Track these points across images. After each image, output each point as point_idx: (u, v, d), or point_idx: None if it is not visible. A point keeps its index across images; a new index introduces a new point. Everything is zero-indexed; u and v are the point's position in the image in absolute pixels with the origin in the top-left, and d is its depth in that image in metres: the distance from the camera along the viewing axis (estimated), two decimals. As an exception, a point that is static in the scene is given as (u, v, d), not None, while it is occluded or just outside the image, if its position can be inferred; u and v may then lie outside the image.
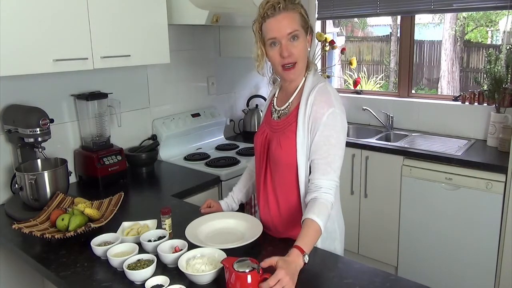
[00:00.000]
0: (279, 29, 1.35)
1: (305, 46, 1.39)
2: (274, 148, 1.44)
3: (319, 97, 1.38)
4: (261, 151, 1.52)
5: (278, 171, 1.45)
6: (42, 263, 1.38)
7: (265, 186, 1.50)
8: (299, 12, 1.37)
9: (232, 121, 3.17)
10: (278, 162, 1.44)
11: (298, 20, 1.36)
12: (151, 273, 1.22)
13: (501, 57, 2.71)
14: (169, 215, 1.46)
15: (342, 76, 4.30)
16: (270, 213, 1.51)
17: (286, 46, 1.35)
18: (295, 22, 1.35)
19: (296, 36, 1.36)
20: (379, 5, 3.15)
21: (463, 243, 2.49)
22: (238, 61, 3.08)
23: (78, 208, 1.56)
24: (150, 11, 2.10)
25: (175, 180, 2.28)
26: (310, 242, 1.23)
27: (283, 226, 1.50)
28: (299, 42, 1.37)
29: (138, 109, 2.51)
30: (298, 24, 1.36)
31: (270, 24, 1.36)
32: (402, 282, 1.23)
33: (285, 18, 1.35)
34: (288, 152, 1.40)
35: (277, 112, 1.49)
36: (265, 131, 1.52)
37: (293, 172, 1.41)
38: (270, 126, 1.50)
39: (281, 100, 1.51)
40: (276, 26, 1.35)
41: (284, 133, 1.43)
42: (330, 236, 1.48)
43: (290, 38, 1.35)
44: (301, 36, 1.37)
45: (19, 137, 1.85)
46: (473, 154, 2.53)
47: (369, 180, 2.83)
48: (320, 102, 1.37)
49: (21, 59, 1.64)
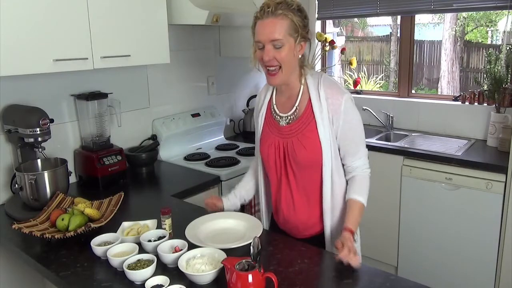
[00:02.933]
0: (263, 33, 1.35)
1: (290, 54, 1.37)
2: (297, 151, 1.44)
3: (329, 90, 1.42)
4: (276, 159, 1.51)
5: (303, 171, 1.46)
6: (42, 263, 1.38)
7: (288, 190, 1.51)
8: (290, 19, 1.34)
9: (232, 121, 3.17)
10: (303, 163, 1.45)
11: (285, 27, 1.34)
12: (151, 273, 1.22)
13: (501, 57, 2.71)
14: (169, 215, 1.46)
15: (342, 76, 4.30)
16: (296, 215, 1.52)
17: (267, 51, 1.35)
18: (281, 30, 1.33)
19: (280, 45, 1.34)
20: (379, 5, 3.15)
21: (463, 243, 2.49)
22: (238, 61, 3.07)
23: (78, 208, 1.56)
24: (150, 11, 2.10)
25: (175, 180, 2.28)
26: (356, 221, 1.43)
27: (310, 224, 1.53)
28: (282, 50, 1.35)
29: (138, 109, 2.51)
30: (284, 32, 1.33)
31: (257, 26, 1.38)
32: (402, 282, 1.23)
33: (271, 24, 1.34)
34: (313, 151, 1.42)
35: (286, 118, 1.49)
36: (274, 139, 1.50)
37: (318, 168, 1.44)
38: (280, 133, 1.49)
39: (283, 106, 1.51)
40: (261, 29, 1.36)
41: (304, 134, 1.43)
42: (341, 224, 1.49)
43: (273, 44, 1.35)
44: (286, 45, 1.35)
45: (19, 137, 1.85)
46: (473, 154, 2.53)
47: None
48: (333, 94, 1.42)
49: (21, 59, 1.64)
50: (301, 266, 1.30)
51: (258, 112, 1.60)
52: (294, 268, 1.28)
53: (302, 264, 1.31)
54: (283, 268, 1.27)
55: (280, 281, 1.18)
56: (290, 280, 1.21)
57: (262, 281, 1.10)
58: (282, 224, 1.60)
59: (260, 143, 1.57)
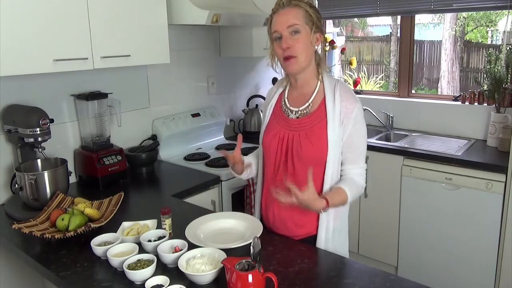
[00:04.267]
0: (280, 22, 1.40)
1: (307, 42, 1.41)
2: (303, 145, 1.44)
3: (344, 94, 1.45)
4: (278, 151, 1.50)
5: (303, 167, 1.44)
6: (42, 263, 1.38)
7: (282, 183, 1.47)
8: (305, 10, 1.40)
9: (232, 121, 3.17)
10: (305, 158, 1.44)
11: (301, 16, 1.39)
12: (151, 273, 1.22)
13: (501, 57, 2.71)
14: (169, 215, 1.46)
15: (342, 76, 4.30)
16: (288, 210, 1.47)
17: (285, 39, 1.40)
18: (297, 17, 1.39)
19: (297, 30, 1.39)
20: (379, 5, 3.15)
21: (463, 243, 2.49)
22: (238, 61, 3.08)
23: (78, 208, 1.56)
24: (150, 11, 2.10)
25: (175, 180, 2.28)
26: (336, 201, 1.39)
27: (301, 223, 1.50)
28: (300, 36, 1.39)
29: (138, 109, 2.51)
30: (300, 19, 1.39)
31: (274, 19, 1.43)
32: (402, 282, 1.23)
33: (287, 13, 1.40)
34: (319, 148, 1.42)
35: (296, 113, 1.49)
36: (279, 130, 1.51)
37: (321, 167, 1.44)
38: (288, 125, 1.49)
39: (295, 101, 1.51)
40: (278, 19, 1.41)
41: (313, 131, 1.44)
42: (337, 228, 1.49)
43: (290, 31, 1.39)
44: (302, 31, 1.39)
45: (19, 137, 1.85)
46: (473, 154, 2.53)
47: (369, 180, 2.79)
48: (348, 98, 1.44)
49: (21, 59, 1.64)
50: (301, 266, 1.30)
51: (267, 103, 1.61)
52: (294, 268, 1.28)
53: (302, 264, 1.31)
54: (283, 268, 1.27)
55: (280, 281, 1.18)
56: (290, 280, 1.21)
57: (262, 281, 1.10)
58: (272, 222, 1.55)
59: (264, 133, 1.57)
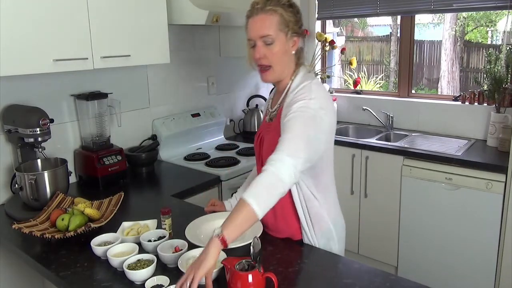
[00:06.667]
0: (253, 30, 1.35)
1: (282, 50, 1.35)
2: (264, 150, 1.46)
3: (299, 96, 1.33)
4: (257, 152, 1.54)
5: None
6: (42, 263, 1.38)
7: None
8: (280, 14, 1.32)
9: (232, 121, 3.17)
10: None
11: (275, 23, 1.32)
12: (151, 273, 1.22)
13: (501, 57, 2.71)
14: (169, 215, 1.46)
15: (342, 76, 4.30)
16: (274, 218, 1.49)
17: (259, 48, 1.35)
18: (271, 25, 1.32)
19: (270, 42, 1.33)
20: (379, 5, 3.15)
21: (463, 243, 2.49)
22: (238, 61, 3.07)
23: (78, 208, 1.56)
24: (150, 11, 2.10)
25: (175, 180, 2.28)
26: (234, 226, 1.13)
27: (279, 225, 1.49)
28: (274, 46, 1.34)
29: (138, 109, 2.51)
30: (273, 28, 1.32)
31: (248, 25, 1.37)
32: (402, 282, 1.23)
33: (260, 20, 1.33)
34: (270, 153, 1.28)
35: (270, 114, 1.50)
36: (260, 133, 1.53)
37: None
38: (264, 128, 1.52)
39: (274, 102, 1.51)
40: (251, 27, 1.36)
41: (269, 134, 1.44)
42: (324, 236, 1.46)
43: (263, 41, 1.34)
44: (276, 41, 1.33)
45: (19, 137, 1.85)
46: (473, 154, 2.53)
47: (369, 180, 2.83)
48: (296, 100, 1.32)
49: (21, 59, 1.64)
50: (301, 266, 1.30)
51: (266, 104, 1.62)
52: (294, 268, 1.28)
53: (302, 264, 1.31)
54: (283, 268, 1.27)
55: (280, 281, 1.18)
56: (290, 280, 1.21)
57: (262, 281, 1.10)
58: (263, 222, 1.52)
59: None
